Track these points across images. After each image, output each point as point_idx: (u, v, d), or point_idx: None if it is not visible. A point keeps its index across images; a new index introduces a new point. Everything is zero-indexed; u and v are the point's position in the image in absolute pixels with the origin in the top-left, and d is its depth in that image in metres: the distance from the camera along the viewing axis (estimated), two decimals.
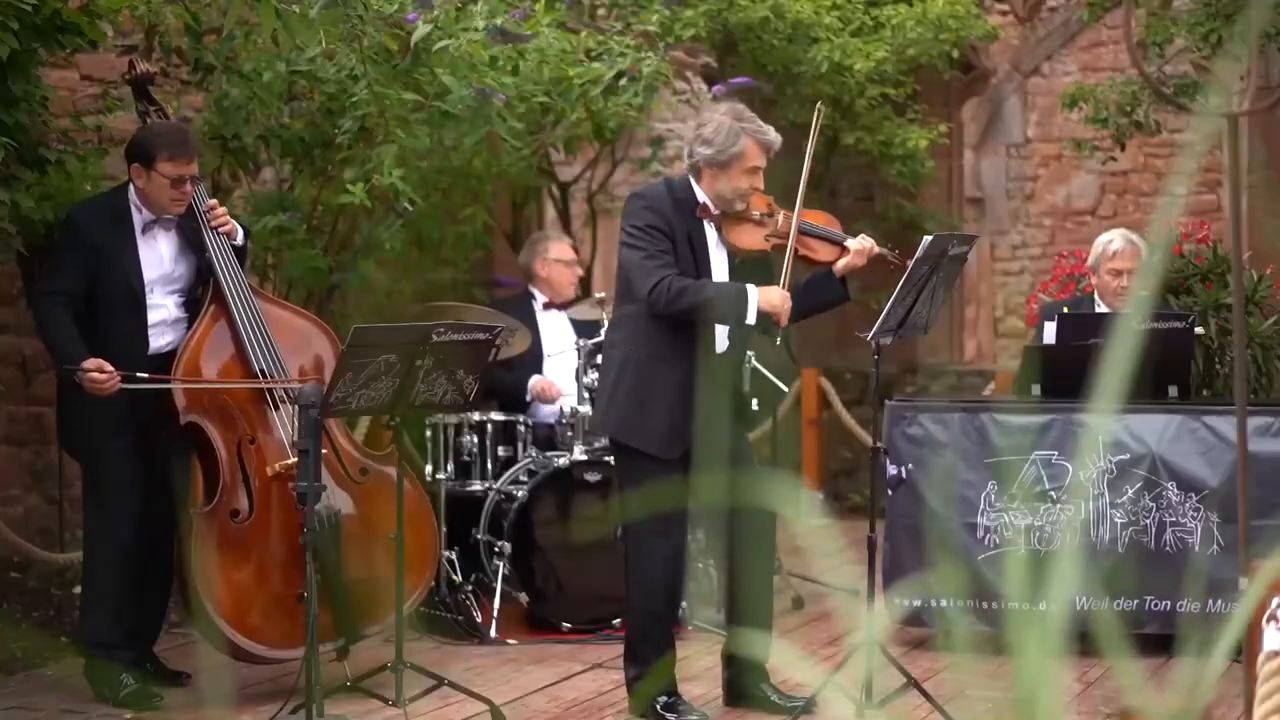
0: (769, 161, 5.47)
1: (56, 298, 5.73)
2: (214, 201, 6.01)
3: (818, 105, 5.70)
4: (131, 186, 5.82)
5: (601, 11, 8.06)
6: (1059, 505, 6.18)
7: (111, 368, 5.56)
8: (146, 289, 5.78)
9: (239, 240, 5.96)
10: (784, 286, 5.35)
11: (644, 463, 5.38)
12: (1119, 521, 6.15)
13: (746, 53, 9.31)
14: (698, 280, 5.32)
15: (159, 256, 5.84)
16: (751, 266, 5.49)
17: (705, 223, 5.43)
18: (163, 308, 5.84)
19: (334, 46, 6.51)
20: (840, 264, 5.42)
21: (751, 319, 5.28)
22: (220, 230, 5.86)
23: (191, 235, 5.91)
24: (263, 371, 5.81)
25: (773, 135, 5.44)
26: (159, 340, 5.83)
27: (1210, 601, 6.02)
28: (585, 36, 7.52)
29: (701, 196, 5.43)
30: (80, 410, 5.73)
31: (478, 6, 6.84)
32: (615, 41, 7.46)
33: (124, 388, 5.59)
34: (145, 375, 5.64)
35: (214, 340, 5.85)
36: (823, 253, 5.46)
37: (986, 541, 6.22)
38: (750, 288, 5.31)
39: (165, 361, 5.81)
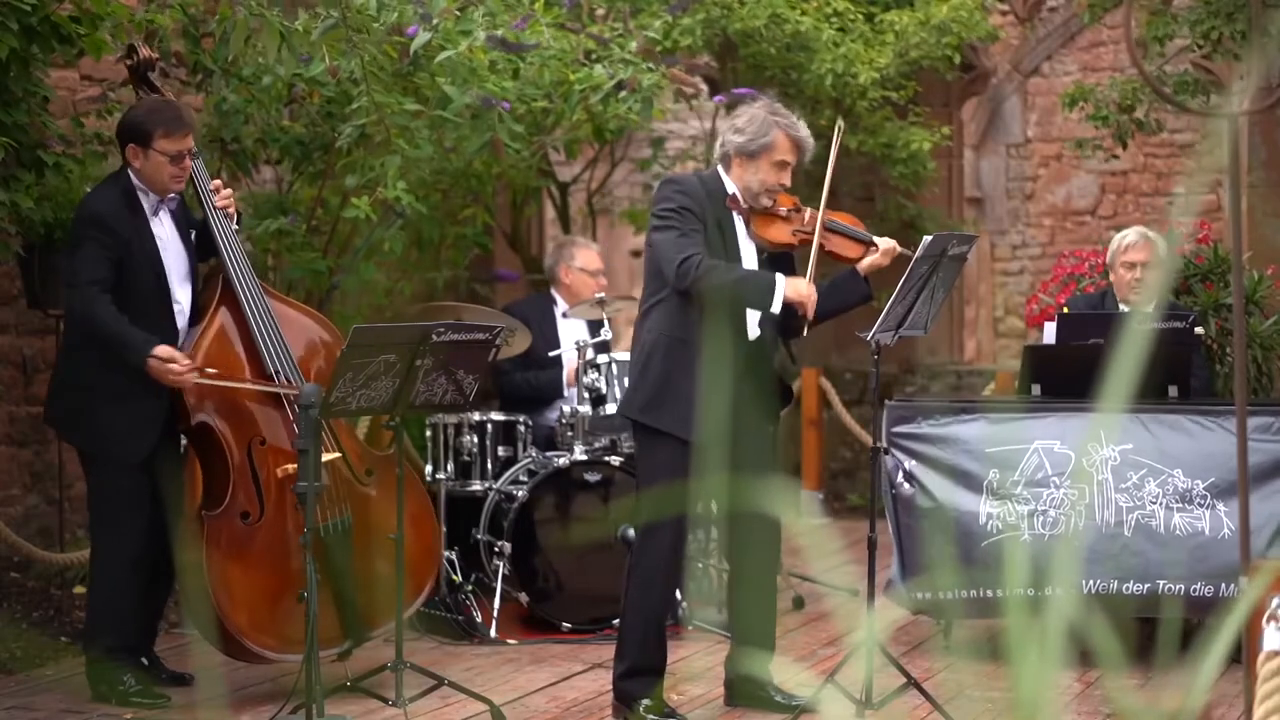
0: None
1: (98, 288, 5.54)
2: (218, 182, 5.90)
3: (838, 123, 5.71)
4: (130, 170, 5.69)
5: (600, 11, 8.05)
6: (1062, 491, 6.13)
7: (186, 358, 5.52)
8: (169, 276, 5.68)
9: (235, 225, 5.87)
10: (809, 280, 5.37)
11: (662, 445, 5.32)
12: (1124, 505, 6.09)
13: (746, 57, 9.31)
14: (718, 263, 5.32)
15: (171, 241, 5.73)
16: (776, 262, 5.53)
17: (734, 214, 5.46)
18: (179, 302, 5.73)
19: (336, 63, 6.53)
20: (865, 262, 5.48)
21: (777, 308, 5.29)
22: (223, 211, 5.75)
23: (184, 222, 5.82)
24: (276, 373, 5.74)
25: (805, 133, 5.49)
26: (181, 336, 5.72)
27: (1224, 586, 5.94)
28: (584, 39, 7.51)
29: (731, 188, 5.45)
30: (103, 413, 5.61)
31: (477, 14, 6.84)
32: (617, 45, 7.45)
33: (199, 382, 5.55)
34: (214, 371, 5.61)
35: (226, 339, 5.75)
36: (848, 250, 5.52)
37: (989, 528, 6.17)
38: (779, 277, 5.33)
39: None
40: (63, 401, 5.78)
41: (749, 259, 5.47)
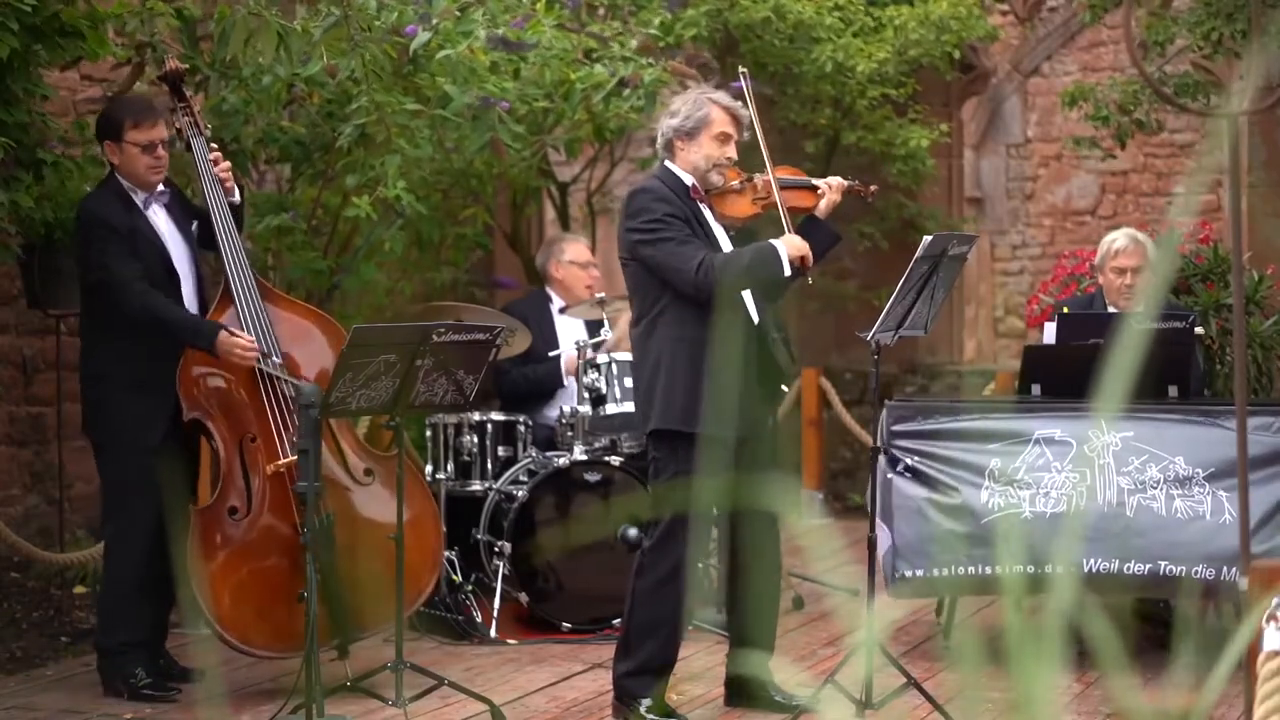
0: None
1: (140, 282, 5.59)
2: (218, 154, 5.91)
3: (740, 69, 5.79)
4: (114, 170, 5.73)
5: (601, 10, 8.06)
6: (1063, 475, 6.11)
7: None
8: (175, 268, 5.71)
9: (235, 198, 5.86)
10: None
11: (696, 447, 5.26)
12: (1126, 487, 6.08)
13: (747, 52, 9.32)
14: (724, 254, 5.36)
15: (170, 234, 5.76)
16: (742, 239, 5.58)
17: (699, 204, 5.48)
18: (186, 293, 5.75)
19: (335, 63, 6.52)
20: (822, 205, 5.54)
21: (788, 270, 5.32)
22: (222, 183, 5.77)
23: (181, 214, 5.84)
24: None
25: (740, 107, 5.54)
26: None
27: (1225, 569, 5.91)
28: (585, 38, 7.52)
29: (687, 179, 5.47)
30: (117, 403, 5.64)
31: (478, 14, 6.84)
32: (618, 43, 7.45)
33: (259, 368, 5.62)
34: (267, 356, 5.68)
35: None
36: (804, 200, 5.61)
37: (990, 506, 6.14)
38: (776, 242, 5.36)
39: None
40: (85, 397, 5.81)
41: (723, 242, 5.49)
